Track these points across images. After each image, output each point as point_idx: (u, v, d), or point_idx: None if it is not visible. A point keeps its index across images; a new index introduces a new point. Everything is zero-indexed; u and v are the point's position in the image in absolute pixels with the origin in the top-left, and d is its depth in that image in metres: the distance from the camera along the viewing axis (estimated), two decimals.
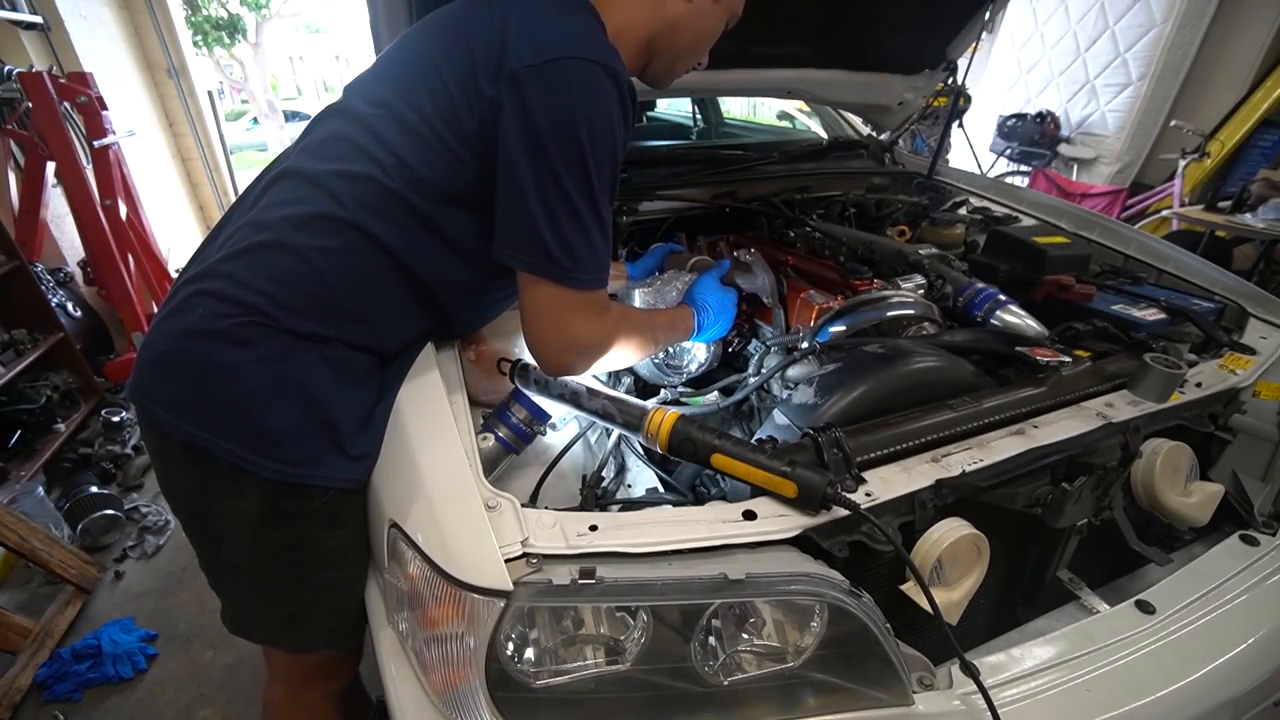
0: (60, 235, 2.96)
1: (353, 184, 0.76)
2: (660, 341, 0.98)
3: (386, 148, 0.77)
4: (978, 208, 1.74)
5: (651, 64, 0.91)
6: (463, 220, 0.80)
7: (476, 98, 0.74)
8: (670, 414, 0.79)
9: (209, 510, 0.80)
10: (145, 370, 0.77)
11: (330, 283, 0.76)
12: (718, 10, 0.90)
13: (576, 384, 0.89)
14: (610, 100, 0.74)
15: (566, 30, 0.76)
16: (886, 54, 1.68)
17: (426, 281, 0.83)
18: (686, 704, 0.66)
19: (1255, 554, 0.92)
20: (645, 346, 0.93)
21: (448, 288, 0.86)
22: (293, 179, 0.79)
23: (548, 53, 0.72)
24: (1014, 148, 4.81)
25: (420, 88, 0.78)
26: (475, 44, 0.76)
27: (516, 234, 0.76)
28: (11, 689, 1.56)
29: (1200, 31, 4.03)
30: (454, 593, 0.62)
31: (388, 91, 0.80)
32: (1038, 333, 1.09)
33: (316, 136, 0.83)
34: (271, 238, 0.76)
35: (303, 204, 0.77)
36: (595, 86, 0.72)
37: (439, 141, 0.76)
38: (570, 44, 0.73)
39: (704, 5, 0.88)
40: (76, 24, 3.28)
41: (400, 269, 0.80)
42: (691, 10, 0.87)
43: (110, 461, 2.47)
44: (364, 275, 0.78)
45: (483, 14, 0.79)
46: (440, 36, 0.81)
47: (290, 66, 19.68)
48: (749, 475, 0.72)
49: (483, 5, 0.80)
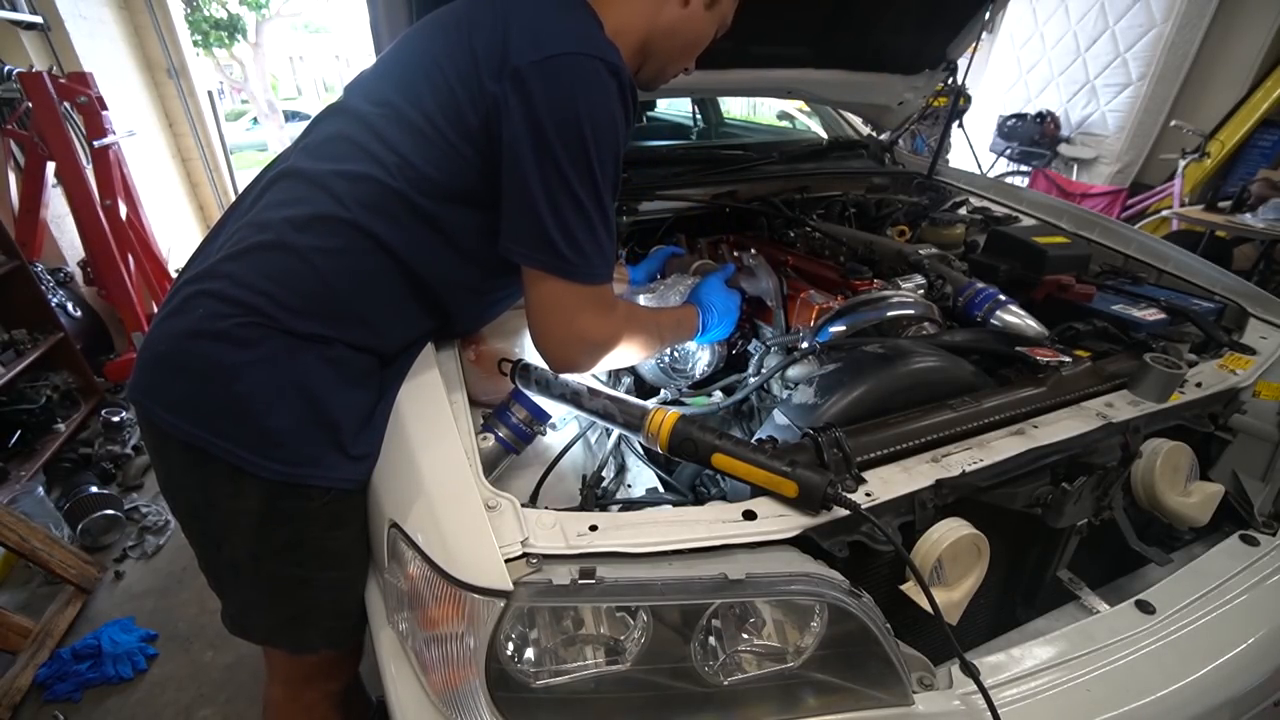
0: (60, 235, 2.96)
1: (354, 184, 0.76)
2: (666, 340, 0.98)
3: (389, 147, 0.77)
4: (978, 208, 1.74)
5: (644, 67, 0.92)
6: (465, 218, 0.80)
7: (480, 94, 0.74)
8: (670, 414, 0.79)
9: (209, 511, 0.80)
10: (145, 370, 0.77)
11: (331, 283, 0.76)
12: (710, 17, 0.91)
13: (577, 384, 0.89)
14: (612, 96, 0.75)
15: (568, 27, 0.77)
16: (886, 54, 1.68)
17: (428, 281, 0.83)
18: (686, 704, 0.66)
19: (1255, 554, 0.92)
20: (651, 345, 0.93)
21: (450, 287, 0.86)
22: (293, 179, 0.79)
23: (550, 49, 0.72)
24: (1014, 148, 4.81)
25: (423, 86, 0.78)
26: (477, 42, 0.76)
27: (522, 229, 0.76)
28: (11, 689, 1.56)
29: (1200, 31, 4.03)
30: (454, 593, 0.62)
31: (389, 90, 0.80)
32: (1038, 333, 1.09)
33: (317, 136, 0.83)
34: (272, 238, 0.76)
35: (304, 204, 0.77)
36: (597, 82, 0.73)
37: (442, 139, 0.76)
38: (572, 40, 0.74)
39: (697, 11, 0.89)
40: (76, 24, 3.28)
41: (402, 269, 0.80)
42: (686, 15, 0.88)
43: (110, 461, 2.47)
44: (365, 275, 0.78)
45: (484, 13, 0.79)
46: (442, 35, 0.82)
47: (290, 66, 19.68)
48: (749, 475, 0.72)
49: (484, 4, 0.81)
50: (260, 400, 0.73)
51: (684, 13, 0.88)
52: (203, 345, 0.73)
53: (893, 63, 1.72)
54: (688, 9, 0.88)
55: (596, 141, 0.73)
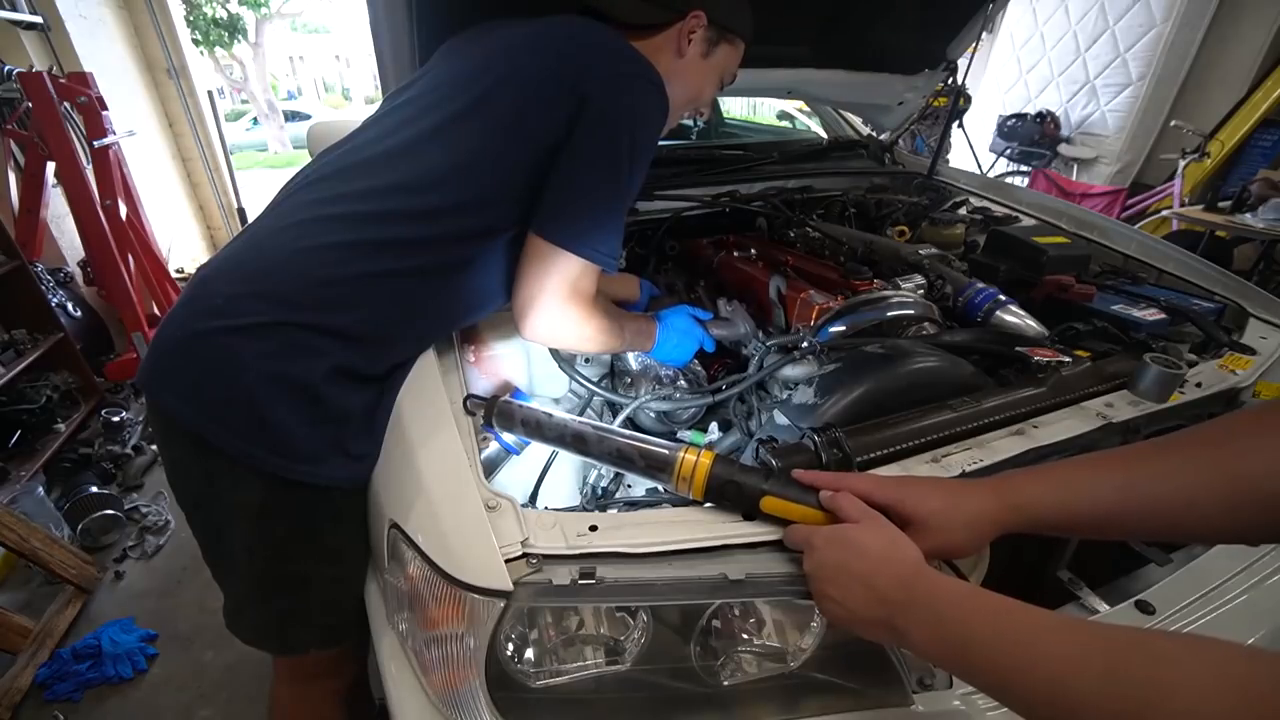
0: (60, 235, 2.97)
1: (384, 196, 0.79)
2: (626, 341, 0.99)
3: (417, 160, 0.81)
4: (978, 208, 1.74)
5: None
6: (488, 228, 0.84)
7: (550, 104, 0.82)
8: (705, 455, 0.68)
9: (212, 501, 0.80)
10: (156, 357, 0.78)
11: (345, 286, 0.77)
12: (707, 68, 1.00)
13: (579, 425, 0.78)
14: (660, 113, 0.87)
15: (631, 54, 0.86)
16: (886, 54, 1.68)
17: (443, 288, 0.84)
18: (686, 704, 0.66)
19: (1255, 554, 0.92)
20: (616, 337, 0.95)
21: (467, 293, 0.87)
22: (328, 182, 0.83)
23: (621, 68, 0.84)
24: (1014, 148, 4.82)
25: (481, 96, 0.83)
26: (548, 60, 0.84)
27: (561, 212, 0.82)
28: (11, 689, 1.56)
29: (1200, 31, 4.03)
30: (454, 593, 0.62)
31: (440, 111, 0.84)
32: (1038, 333, 1.09)
33: (360, 141, 0.87)
34: (293, 238, 0.77)
35: (328, 208, 0.79)
36: (653, 99, 0.85)
37: (485, 152, 0.82)
38: (637, 64, 0.85)
39: (694, 62, 0.98)
40: (76, 24, 3.28)
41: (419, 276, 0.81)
42: (683, 65, 0.97)
43: (110, 461, 2.47)
44: (380, 281, 0.79)
45: (539, 37, 0.87)
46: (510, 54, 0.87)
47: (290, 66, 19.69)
48: (805, 517, 0.65)
49: (537, 29, 0.88)
50: (265, 396, 0.73)
51: (680, 64, 0.96)
52: (215, 336, 0.73)
53: (893, 63, 1.72)
54: (683, 60, 0.97)
55: (641, 148, 0.83)
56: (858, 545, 0.57)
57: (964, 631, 0.48)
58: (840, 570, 0.57)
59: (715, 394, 1.04)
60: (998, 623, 0.47)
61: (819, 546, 0.59)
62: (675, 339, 1.06)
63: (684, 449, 0.70)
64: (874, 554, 0.56)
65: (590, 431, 0.75)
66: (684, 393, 1.10)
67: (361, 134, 0.89)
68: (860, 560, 0.56)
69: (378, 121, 0.90)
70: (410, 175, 0.80)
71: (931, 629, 0.50)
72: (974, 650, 0.47)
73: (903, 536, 0.58)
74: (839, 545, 0.58)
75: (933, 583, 0.52)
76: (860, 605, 0.55)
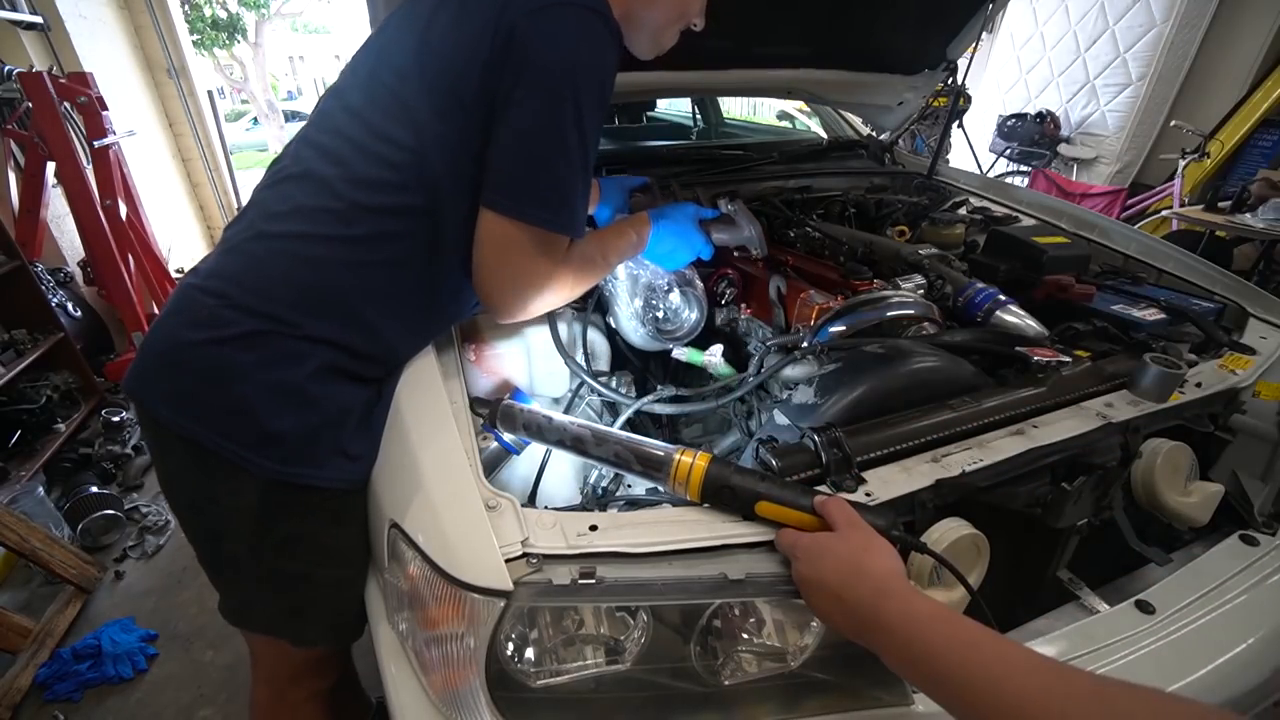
0: (60, 235, 2.97)
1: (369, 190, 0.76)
2: (611, 262, 0.95)
3: (376, 134, 0.76)
4: (978, 208, 1.74)
5: (635, 37, 0.88)
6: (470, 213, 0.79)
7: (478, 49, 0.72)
8: (700, 457, 0.69)
9: (209, 505, 0.80)
10: (146, 367, 0.77)
11: (335, 287, 0.76)
12: None
13: (579, 428, 0.78)
14: (607, 48, 0.75)
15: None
16: (886, 54, 1.68)
17: (431, 285, 0.83)
18: (686, 704, 0.66)
19: (1255, 554, 0.92)
20: (599, 272, 0.92)
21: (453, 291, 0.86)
22: (302, 181, 0.79)
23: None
24: (1014, 148, 4.82)
25: (413, 66, 0.76)
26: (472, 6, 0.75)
27: (506, 179, 0.75)
28: (11, 689, 1.56)
29: (1200, 31, 4.03)
30: (454, 593, 0.62)
31: (407, 91, 0.77)
32: (1038, 333, 1.09)
33: (322, 132, 0.82)
34: (277, 240, 0.76)
35: (311, 207, 0.77)
36: (593, 33, 0.73)
37: (442, 122, 0.75)
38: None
39: None
40: (76, 24, 3.28)
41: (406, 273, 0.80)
42: None
43: (110, 461, 2.47)
44: (371, 280, 0.78)
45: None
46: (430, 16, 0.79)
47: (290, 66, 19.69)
48: (801, 523, 0.65)
49: None
50: (260, 400, 0.73)
51: None
52: (205, 345, 0.73)
53: (893, 63, 1.72)
54: None
55: (588, 90, 0.73)
56: (832, 555, 0.57)
57: (929, 661, 0.49)
58: (816, 581, 0.57)
59: (719, 397, 1.04)
60: (965, 655, 0.47)
61: (799, 556, 0.60)
62: (669, 242, 1.01)
63: (680, 451, 0.70)
64: (846, 565, 0.56)
65: (589, 434, 0.76)
66: (690, 394, 1.10)
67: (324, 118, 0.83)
68: (834, 572, 0.56)
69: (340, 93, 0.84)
70: (367, 164, 0.76)
71: (899, 653, 0.51)
72: (939, 681, 0.48)
73: (881, 545, 0.58)
74: (816, 555, 0.58)
75: (902, 601, 0.52)
76: (835, 617, 0.56)
